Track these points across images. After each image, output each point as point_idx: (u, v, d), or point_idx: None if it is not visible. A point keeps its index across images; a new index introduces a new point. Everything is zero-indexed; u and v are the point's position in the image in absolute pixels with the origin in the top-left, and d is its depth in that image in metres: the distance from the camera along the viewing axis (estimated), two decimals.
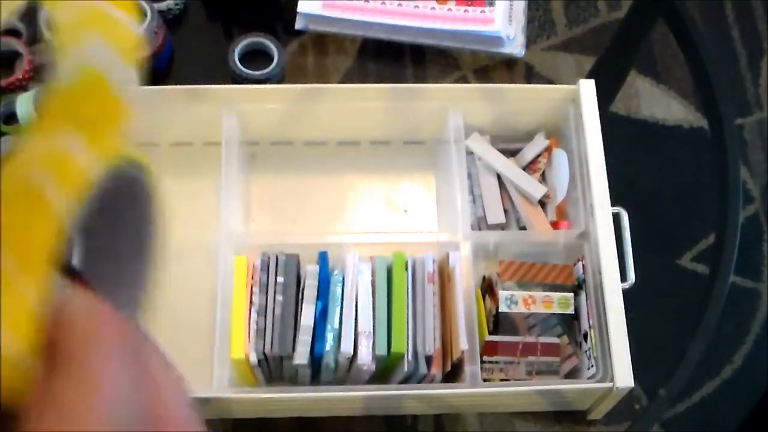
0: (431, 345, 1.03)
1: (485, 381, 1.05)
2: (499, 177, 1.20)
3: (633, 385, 1.02)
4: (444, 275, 1.08)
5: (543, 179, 1.20)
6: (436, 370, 1.03)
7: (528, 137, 1.22)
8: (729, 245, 1.24)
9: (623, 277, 1.08)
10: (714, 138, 1.31)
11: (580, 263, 1.10)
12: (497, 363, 1.07)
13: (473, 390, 1.02)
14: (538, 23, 1.37)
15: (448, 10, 1.30)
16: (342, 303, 1.03)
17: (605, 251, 1.08)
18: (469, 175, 1.18)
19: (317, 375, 1.06)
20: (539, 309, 1.09)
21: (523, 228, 1.17)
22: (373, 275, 1.05)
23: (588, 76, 1.33)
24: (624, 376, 1.02)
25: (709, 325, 1.19)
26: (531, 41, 1.35)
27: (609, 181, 1.11)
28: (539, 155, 1.20)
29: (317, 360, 1.02)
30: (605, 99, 1.25)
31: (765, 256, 1.25)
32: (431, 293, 1.05)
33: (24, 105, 1.18)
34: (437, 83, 1.31)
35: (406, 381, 1.05)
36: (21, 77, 1.23)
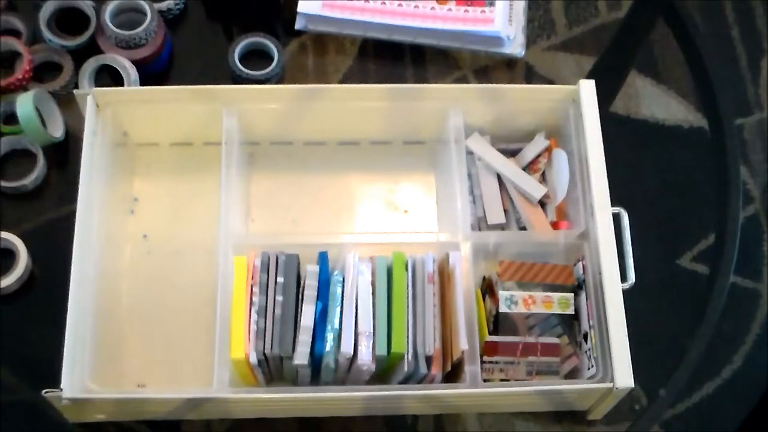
0: (431, 345, 1.03)
1: (485, 381, 1.05)
2: (499, 177, 1.20)
3: (633, 385, 1.02)
4: (444, 275, 1.08)
5: (543, 179, 1.20)
6: (436, 370, 1.03)
7: (528, 137, 1.22)
8: (729, 245, 1.24)
9: (623, 277, 1.08)
10: (714, 138, 1.31)
11: (580, 263, 1.10)
12: (497, 363, 1.07)
13: (473, 390, 1.02)
14: (538, 23, 1.37)
15: (448, 10, 1.30)
16: (342, 303, 1.03)
17: (605, 251, 1.07)
18: (469, 176, 1.18)
19: (317, 375, 1.06)
20: (539, 309, 1.09)
21: (523, 228, 1.17)
22: (373, 275, 1.05)
23: (588, 76, 1.33)
24: (624, 376, 1.02)
25: (709, 325, 1.19)
26: (531, 41, 1.35)
27: (609, 181, 1.11)
28: (539, 155, 1.20)
29: (317, 360, 1.02)
30: (605, 99, 1.25)
31: (765, 256, 1.25)
32: (431, 293, 1.05)
33: (25, 105, 1.18)
34: (437, 83, 1.31)
35: (406, 381, 1.05)
36: (21, 77, 1.23)
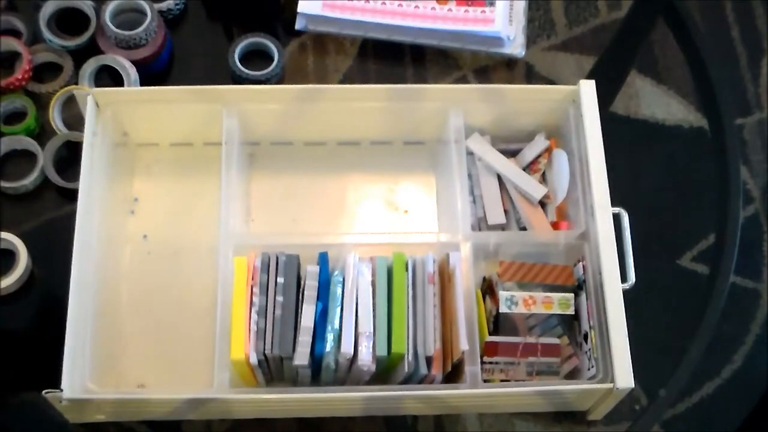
0: (431, 345, 1.03)
1: (485, 381, 1.05)
2: (500, 177, 1.20)
3: (633, 386, 1.02)
4: (444, 276, 1.08)
5: (543, 180, 1.20)
6: (436, 370, 1.03)
7: (528, 137, 1.22)
8: (729, 245, 1.24)
9: (623, 278, 1.08)
10: (714, 138, 1.31)
11: (580, 264, 1.10)
12: (497, 364, 1.07)
13: (473, 390, 1.02)
14: (538, 23, 1.37)
15: (448, 10, 1.30)
16: (342, 303, 1.03)
17: (605, 252, 1.07)
18: (470, 176, 1.18)
19: (317, 375, 1.06)
20: (539, 310, 1.09)
21: (524, 228, 1.17)
22: (374, 276, 1.05)
23: (588, 76, 1.33)
24: (624, 376, 1.02)
25: (709, 325, 1.19)
26: (531, 41, 1.35)
27: (609, 181, 1.11)
28: (539, 155, 1.20)
29: (317, 360, 1.02)
30: (605, 99, 1.25)
31: (765, 256, 1.25)
32: (431, 294, 1.05)
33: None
34: (437, 83, 1.31)
35: (406, 381, 1.05)
36: (21, 77, 1.23)
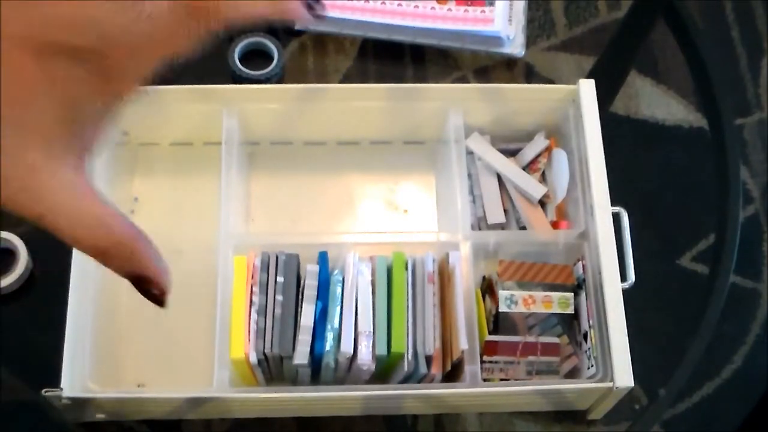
0: (431, 345, 1.03)
1: (485, 381, 1.05)
2: (499, 177, 1.20)
3: (633, 385, 1.02)
4: (444, 275, 1.08)
5: (543, 179, 1.20)
6: (436, 370, 1.03)
7: (528, 137, 1.22)
8: (729, 245, 1.24)
9: (623, 277, 1.08)
10: (714, 138, 1.31)
11: (579, 263, 1.10)
12: (497, 363, 1.07)
13: (473, 390, 1.02)
14: (538, 23, 1.37)
15: (447, 9, 1.30)
16: (342, 303, 1.03)
17: (605, 251, 1.07)
18: (469, 175, 1.18)
19: (317, 375, 1.06)
20: (539, 309, 1.09)
21: (523, 228, 1.17)
22: (373, 275, 1.05)
23: (588, 76, 1.33)
24: (624, 376, 1.02)
25: (709, 325, 1.19)
26: (531, 41, 1.35)
27: (609, 181, 1.11)
28: (539, 155, 1.20)
29: (317, 360, 1.02)
30: (605, 99, 1.25)
31: (765, 256, 1.25)
32: (431, 293, 1.05)
33: None
34: (437, 83, 1.31)
35: (406, 381, 1.05)
36: None
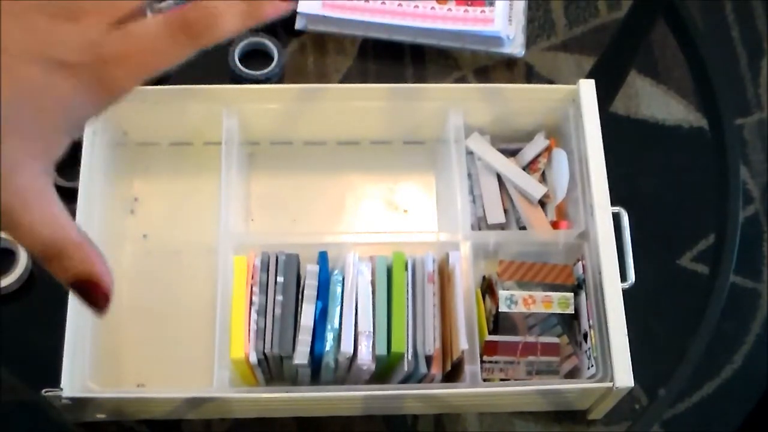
0: (431, 345, 1.03)
1: (485, 381, 1.05)
2: (499, 177, 1.20)
3: (633, 385, 1.02)
4: (444, 275, 1.08)
5: (543, 179, 1.20)
6: (436, 369, 1.03)
7: (528, 137, 1.22)
8: (729, 245, 1.24)
9: (623, 277, 1.08)
10: (714, 138, 1.31)
11: (579, 263, 1.10)
12: (497, 363, 1.07)
13: (473, 390, 1.02)
14: (538, 23, 1.37)
15: (447, 10, 1.30)
16: (342, 303, 1.03)
17: (605, 251, 1.07)
18: (469, 175, 1.18)
19: (317, 375, 1.06)
20: (539, 309, 1.09)
21: (523, 228, 1.17)
22: (373, 275, 1.05)
23: (588, 76, 1.33)
24: (624, 375, 1.02)
25: (709, 325, 1.19)
26: (531, 41, 1.35)
27: (609, 181, 1.11)
28: (539, 155, 1.20)
29: (317, 360, 1.02)
30: (605, 99, 1.25)
31: (765, 256, 1.25)
32: (431, 293, 1.05)
33: None
34: (437, 83, 1.31)
35: (406, 381, 1.05)
36: None
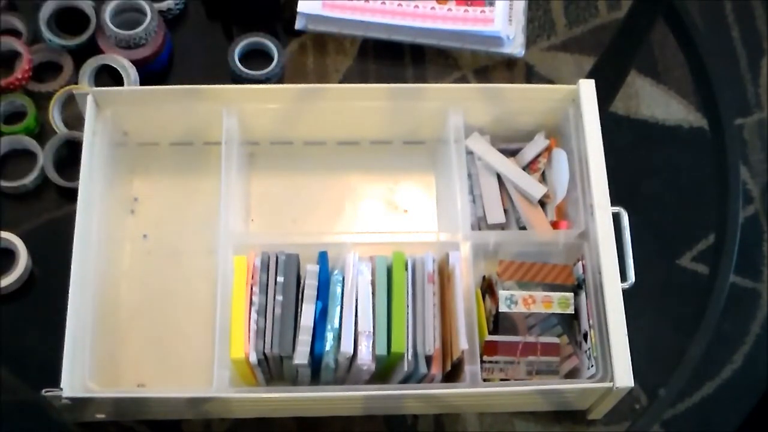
0: (431, 345, 1.03)
1: (485, 381, 1.05)
2: (499, 177, 1.20)
3: (633, 385, 1.02)
4: (444, 275, 1.08)
5: (543, 179, 1.20)
6: (436, 369, 1.03)
7: (528, 137, 1.22)
8: (729, 245, 1.24)
9: (623, 277, 1.08)
10: (714, 138, 1.31)
11: (580, 263, 1.10)
12: (497, 363, 1.07)
13: (473, 390, 1.02)
14: (538, 23, 1.37)
15: (447, 10, 1.30)
16: (342, 303, 1.03)
17: (605, 251, 1.07)
18: (469, 175, 1.18)
19: (317, 375, 1.06)
20: (539, 309, 1.09)
21: (523, 228, 1.17)
22: (373, 275, 1.05)
23: (588, 76, 1.33)
24: (624, 375, 1.02)
25: (709, 325, 1.19)
26: (531, 41, 1.35)
27: (609, 181, 1.11)
28: (539, 155, 1.20)
29: (317, 360, 1.02)
30: (605, 99, 1.25)
31: (765, 256, 1.25)
32: (431, 293, 1.05)
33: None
34: (437, 83, 1.31)
35: (406, 381, 1.05)
36: (21, 77, 1.23)
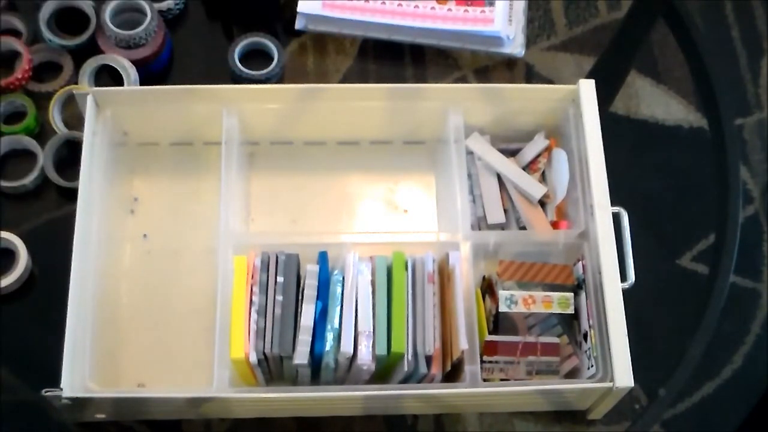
0: (431, 345, 1.03)
1: (485, 381, 1.05)
2: (499, 177, 1.20)
3: (633, 385, 1.02)
4: (444, 275, 1.08)
5: (543, 179, 1.20)
6: (436, 369, 1.03)
7: (528, 137, 1.22)
8: (729, 245, 1.24)
9: (623, 277, 1.08)
10: (714, 138, 1.31)
11: (579, 263, 1.10)
12: (497, 363, 1.07)
13: (473, 390, 1.02)
14: (538, 23, 1.37)
15: (447, 10, 1.30)
16: (342, 303, 1.03)
17: (605, 251, 1.07)
18: (469, 175, 1.18)
19: (317, 375, 1.06)
20: (539, 309, 1.09)
21: (523, 228, 1.17)
22: (373, 275, 1.05)
23: (588, 76, 1.33)
24: (624, 375, 1.02)
25: (709, 325, 1.19)
26: (531, 41, 1.35)
27: (609, 181, 1.11)
28: (539, 155, 1.20)
29: (317, 360, 1.02)
30: (605, 99, 1.25)
31: (765, 256, 1.25)
32: (431, 293, 1.05)
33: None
34: (437, 83, 1.31)
35: (406, 381, 1.05)
36: (20, 77, 1.23)
